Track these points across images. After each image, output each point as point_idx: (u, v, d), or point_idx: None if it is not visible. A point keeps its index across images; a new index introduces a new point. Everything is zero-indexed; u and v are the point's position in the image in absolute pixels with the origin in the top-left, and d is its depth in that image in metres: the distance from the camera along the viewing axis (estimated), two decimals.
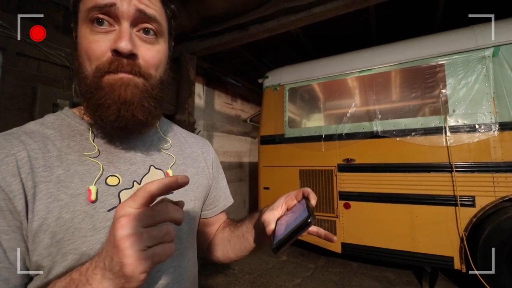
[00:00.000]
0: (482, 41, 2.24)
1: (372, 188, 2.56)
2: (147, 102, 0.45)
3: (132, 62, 0.43)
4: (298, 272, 2.81)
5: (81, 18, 0.43)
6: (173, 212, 0.33)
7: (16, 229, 0.38)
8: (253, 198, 5.18)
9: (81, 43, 0.44)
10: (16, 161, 0.40)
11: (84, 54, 0.43)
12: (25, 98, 2.05)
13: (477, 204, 2.13)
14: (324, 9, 2.42)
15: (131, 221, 0.30)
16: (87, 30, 0.43)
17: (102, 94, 0.42)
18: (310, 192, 0.50)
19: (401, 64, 2.56)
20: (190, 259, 0.57)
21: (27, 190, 0.39)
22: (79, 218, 0.42)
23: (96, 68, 0.42)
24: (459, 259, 2.17)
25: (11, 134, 0.43)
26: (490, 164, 2.12)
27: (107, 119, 0.43)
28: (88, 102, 0.44)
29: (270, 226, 0.50)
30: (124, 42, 0.41)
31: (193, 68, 3.34)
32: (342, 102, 2.93)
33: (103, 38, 0.42)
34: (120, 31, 0.42)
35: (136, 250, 0.29)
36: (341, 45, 3.66)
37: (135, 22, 0.44)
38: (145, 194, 0.31)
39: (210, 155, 0.68)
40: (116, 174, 0.47)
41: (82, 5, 0.43)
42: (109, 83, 0.42)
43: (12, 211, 0.38)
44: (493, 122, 2.15)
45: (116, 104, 0.42)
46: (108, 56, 0.42)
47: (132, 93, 0.43)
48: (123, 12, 0.42)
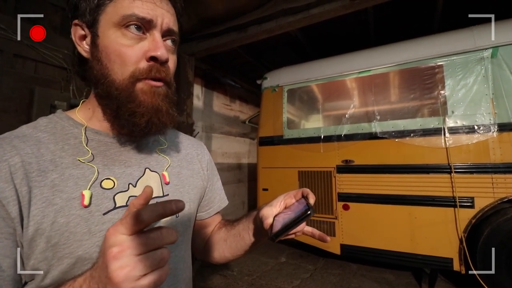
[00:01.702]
0: (480, 42, 2.24)
1: (371, 189, 2.55)
2: (171, 109, 0.49)
3: (165, 69, 0.47)
4: (297, 274, 2.80)
5: (109, 21, 0.44)
6: (167, 237, 0.32)
7: (9, 236, 0.38)
8: (252, 199, 5.17)
9: (110, 45, 0.44)
10: (9, 167, 0.39)
11: (115, 58, 0.44)
12: (22, 100, 2.04)
13: (476, 205, 2.13)
14: (322, 10, 2.42)
15: (124, 250, 0.30)
16: (118, 33, 0.44)
17: (137, 102, 0.45)
18: (309, 192, 0.51)
19: (399, 65, 2.55)
20: (185, 262, 0.58)
21: (21, 196, 0.39)
22: (74, 222, 0.41)
23: (131, 74, 0.44)
24: (458, 260, 2.16)
25: (4, 139, 0.43)
26: (489, 165, 2.12)
27: (138, 126, 0.45)
28: (120, 107, 0.45)
29: (268, 220, 0.50)
30: (161, 50, 0.44)
31: (191, 70, 3.33)
32: (340, 103, 2.93)
33: (136, 44, 0.44)
34: (155, 39, 0.45)
35: (131, 281, 0.29)
36: (340, 46, 3.66)
37: (164, 34, 0.47)
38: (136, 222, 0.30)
39: (205, 157, 0.68)
40: (111, 177, 0.47)
41: (112, 8, 0.44)
42: (143, 91, 0.45)
43: (4, 218, 0.37)
44: (492, 123, 2.15)
45: (150, 113, 0.45)
46: (145, 63, 0.45)
47: (162, 100, 0.47)
48: (157, 26, 0.45)
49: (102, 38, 0.45)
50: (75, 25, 0.47)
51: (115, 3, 0.44)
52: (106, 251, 0.30)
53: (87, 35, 0.47)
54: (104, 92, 0.46)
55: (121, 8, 0.43)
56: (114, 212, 0.45)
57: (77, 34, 0.47)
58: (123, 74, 0.44)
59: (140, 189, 0.50)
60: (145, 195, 0.33)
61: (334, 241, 2.71)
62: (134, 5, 0.44)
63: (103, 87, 0.46)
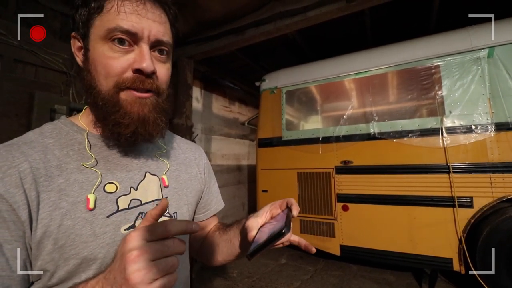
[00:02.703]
0: (477, 42, 2.25)
1: (370, 190, 2.55)
2: (159, 119, 0.50)
3: (151, 81, 0.47)
4: (297, 275, 2.79)
5: (97, 35, 0.45)
6: (178, 247, 0.36)
7: (19, 239, 0.39)
8: (252, 200, 5.17)
9: (97, 58, 0.45)
10: (19, 172, 0.41)
11: (101, 70, 0.45)
12: (22, 104, 2.05)
13: (475, 205, 2.13)
14: (319, 13, 2.43)
15: (142, 255, 0.32)
16: (105, 47, 0.45)
17: (121, 112, 0.46)
18: (294, 203, 0.52)
19: (397, 66, 2.57)
20: (183, 262, 0.59)
21: (30, 201, 0.41)
22: (80, 224, 0.43)
23: (115, 83, 0.45)
24: (458, 260, 2.16)
25: (12, 145, 0.45)
26: (487, 165, 2.12)
27: (123, 135, 0.47)
28: (105, 117, 0.47)
29: (252, 232, 0.52)
30: (146, 62, 0.45)
31: (190, 72, 3.35)
32: (339, 104, 2.94)
33: (122, 56, 0.45)
34: (142, 52, 0.46)
35: (146, 284, 0.32)
36: (338, 48, 3.68)
37: (152, 46, 0.48)
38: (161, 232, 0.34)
39: (202, 160, 0.70)
40: (113, 181, 0.49)
41: (99, 22, 0.45)
42: (127, 101, 0.46)
43: (15, 222, 0.39)
44: (489, 122, 2.16)
45: (135, 123, 0.46)
46: (130, 74, 0.45)
47: (148, 111, 0.47)
48: (143, 38, 0.46)
49: (91, 51, 0.46)
50: (73, 37, 0.49)
51: (102, 16, 0.45)
52: (125, 254, 0.33)
53: (82, 46, 0.49)
54: (92, 102, 0.48)
55: (107, 22, 0.44)
56: (117, 214, 0.47)
57: (75, 46, 0.50)
58: (107, 85, 0.46)
59: (140, 192, 0.52)
60: (161, 207, 0.37)
61: (334, 242, 2.71)
62: (118, 18, 0.44)
63: (91, 97, 0.48)
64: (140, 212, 0.50)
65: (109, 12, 0.44)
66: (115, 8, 0.44)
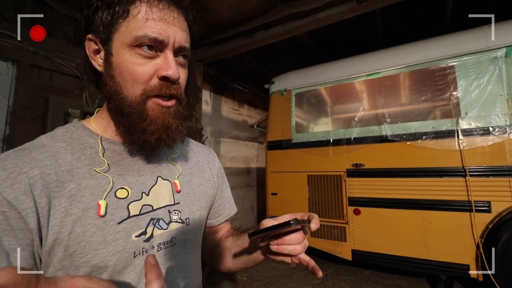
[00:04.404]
0: (493, 42, 2.18)
1: (382, 193, 2.50)
2: (181, 125, 0.50)
3: (176, 86, 0.48)
4: (307, 280, 2.76)
5: (123, 41, 0.45)
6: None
7: (26, 247, 0.39)
8: (261, 203, 5.15)
9: (123, 64, 0.45)
10: (29, 179, 0.40)
11: (128, 76, 0.45)
12: (38, 108, 2.11)
13: (493, 210, 2.06)
14: (330, 14, 2.41)
15: None
16: (131, 53, 0.45)
17: (148, 120, 0.46)
18: (315, 217, 0.49)
19: (410, 67, 2.52)
20: (196, 269, 0.58)
21: (40, 208, 0.40)
22: (91, 231, 0.43)
23: (143, 91, 0.45)
24: (475, 266, 2.09)
25: (23, 150, 0.44)
26: (506, 168, 2.05)
27: (148, 142, 0.47)
28: (131, 124, 0.47)
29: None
30: (173, 70, 0.45)
31: (200, 75, 3.38)
32: (349, 106, 2.90)
33: (148, 63, 0.45)
34: (167, 59, 0.46)
35: None
36: (348, 49, 3.64)
37: (175, 52, 0.48)
38: None
39: (215, 164, 0.69)
40: (125, 186, 0.48)
41: (125, 28, 0.44)
42: (153, 109, 0.46)
43: (22, 230, 0.38)
44: (507, 124, 2.08)
45: (159, 130, 0.47)
46: (156, 81, 0.46)
47: (172, 118, 0.48)
48: (169, 44, 0.46)
49: (115, 57, 0.45)
50: (89, 39, 0.48)
51: (128, 22, 0.44)
52: None
53: (100, 50, 0.47)
54: (116, 108, 0.47)
55: (134, 29, 0.44)
56: (128, 221, 0.47)
57: (91, 49, 0.48)
58: (134, 92, 0.45)
59: (152, 197, 0.51)
60: None
61: (345, 247, 2.66)
62: (146, 25, 0.44)
63: (116, 103, 0.47)
64: (152, 218, 0.49)
65: (136, 17, 0.44)
66: (143, 15, 0.44)
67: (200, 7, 2.53)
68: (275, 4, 2.58)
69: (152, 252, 0.48)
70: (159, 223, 0.50)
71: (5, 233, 0.37)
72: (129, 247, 0.45)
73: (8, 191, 0.39)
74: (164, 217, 0.51)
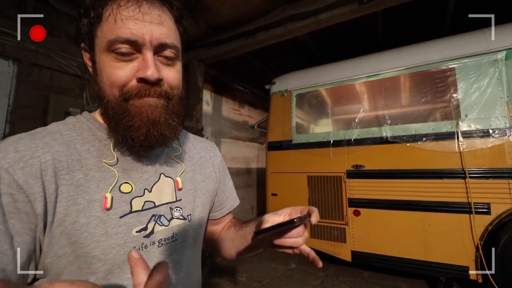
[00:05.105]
0: (494, 44, 2.19)
1: (382, 195, 2.50)
2: (171, 120, 0.48)
3: (158, 88, 0.45)
4: (307, 281, 2.76)
5: (100, 47, 0.44)
6: None
7: (29, 232, 0.39)
8: (261, 204, 5.15)
9: (103, 69, 0.45)
10: (40, 163, 0.41)
11: (106, 80, 0.45)
12: (38, 107, 2.11)
13: (493, 212, 2.06)
14: (331, 15, 2.42)
15: None
16: (109, 58, 0.44)
17: (131, 116, 0.44)
18: (315, 211, 0.49)
19: (410, 69, 2.52)
20: (197, 264, 0.60)
21: (48, 193, 0.40)
22: (94, 223, 0.43)
23: (120, 93, 0.44)
24: (474, 268, 2.09)
25: (36, 134, 0.44)
26: (506, 170, 2.05)
27: (137, 139, 0.45)
28: (117, 124, 0.46)
29: (266, 224, 0.50)
30: (150, 70, 0.43)
31: (201, 76, 3.38)
32: (350, 107, 2.90)
33: (126, 65, 0.44)
34: (145, 59, 0.44)
35: None
36: (348, 51, 3.64)
37: (156, 51, 0.45)
38: None
39: (217, 158, 0.70)
40: (129, 181, 0.49)
41: (99, 33, 0.44)
42: (136, 106, 0.44)
43: (28, 214, 0.39)
44: (507, 126, 2.09)
45: (146, 125, 0.45)
46: (134, 83, 0.44)
47: (159, 113, 0.46)
48: (145, 44, 0.43)
49: (98, 63, 0.46)
50: (83, 48, 0.50)
51: (102, 26, 0.43)
52: None
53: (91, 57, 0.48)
54: (103, 112, 0.48)
55: (106, 33, 0.43)
56: (130, 216, 0.47)
57: (86, 56, 0.50)
58: (114, 95, 0.45)
59: (155, 194, 0.51)
60: None
61: (345, 248, 2.67)
62: (116, 27, 0.42)
63: (102, 107, 0.48)
64: (153, 215, 0.50)
65: (108, 20, 0.43)
66: (112, 16, 0.42)
67: (201, 7, 2.54)
68: (276, 5, 2.58)
69: (153, 248, 0.49)
70: (160, 220, 0.51)
71: (11, 216, 0.37)
72: (129, 242, 0.46)
73: (19, 174, 0.39)
74: (165, 214, 0.52)
